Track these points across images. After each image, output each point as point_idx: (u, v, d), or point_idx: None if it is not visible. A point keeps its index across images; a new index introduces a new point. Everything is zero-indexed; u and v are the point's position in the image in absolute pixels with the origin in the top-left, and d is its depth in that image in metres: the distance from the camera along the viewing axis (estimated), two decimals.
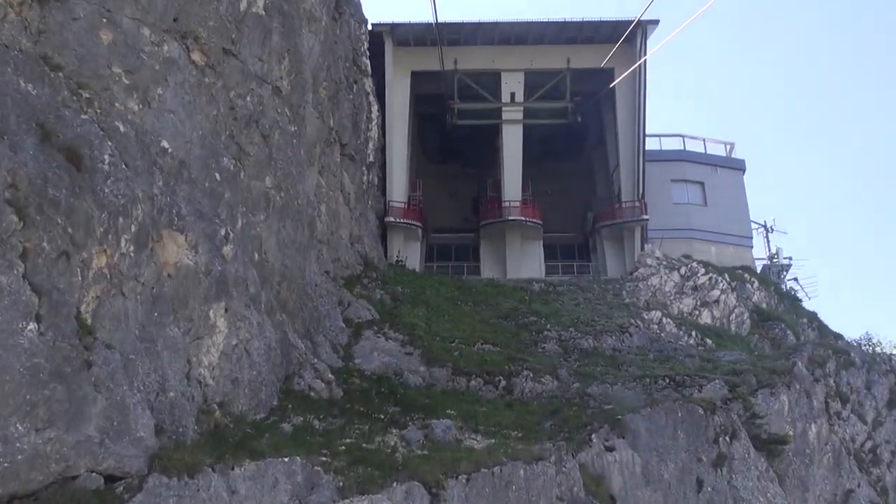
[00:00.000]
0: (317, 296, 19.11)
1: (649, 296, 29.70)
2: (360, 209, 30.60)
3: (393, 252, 34.80)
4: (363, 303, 23.04)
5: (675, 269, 31.08)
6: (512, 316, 24.68)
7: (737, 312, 29.95)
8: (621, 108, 36.79)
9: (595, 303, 27.95)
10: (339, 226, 27.40)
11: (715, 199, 38.03)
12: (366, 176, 32.09)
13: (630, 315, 26.34)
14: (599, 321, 24.23)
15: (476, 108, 37.65)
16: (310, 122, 23.57)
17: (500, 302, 26.74)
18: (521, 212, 36.11)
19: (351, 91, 30.63)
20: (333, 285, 22.89)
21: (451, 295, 27.42)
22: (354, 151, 30.30)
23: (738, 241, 37.18)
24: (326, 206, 26.45)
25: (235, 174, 15.79)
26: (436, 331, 21.70)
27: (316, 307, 17.92)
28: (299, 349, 16.15)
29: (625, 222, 36.05)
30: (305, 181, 21.74)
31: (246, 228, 15.64)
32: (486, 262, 37.35)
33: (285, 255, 17.16)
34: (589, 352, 21.33)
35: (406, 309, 23.76)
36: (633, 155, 36.23)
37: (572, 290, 30.16)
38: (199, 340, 12.98)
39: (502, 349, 20.87)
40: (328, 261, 24.32)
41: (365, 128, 32.15)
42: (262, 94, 17.41)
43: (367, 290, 25.29)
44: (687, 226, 36.92)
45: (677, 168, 38.59)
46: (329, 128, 27.30)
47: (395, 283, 27.67)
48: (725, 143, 40.47)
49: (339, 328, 19.45)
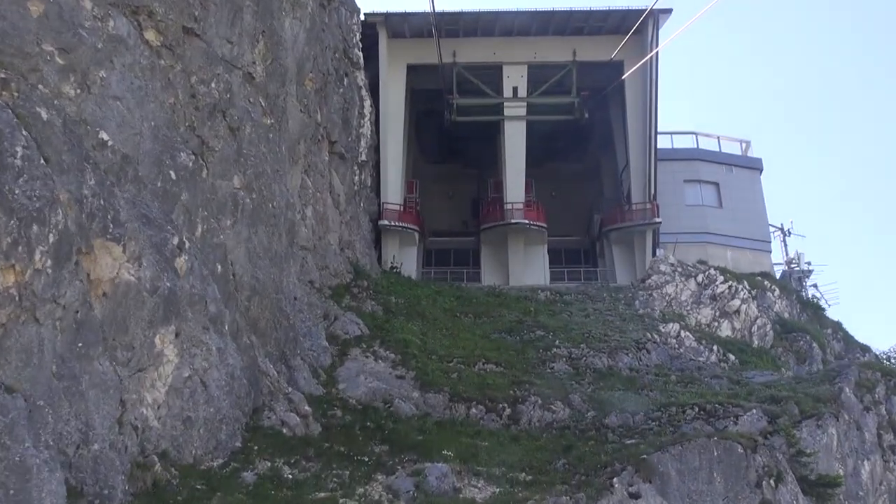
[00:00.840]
0: (295, 311, 16.84)
1: (664, 306, 27.42)
2: (352, 212, 28.33)
3: (387, 258, 32.53)
4: (351, 316, 20.77)
5: (691, 277, 28.81)
6: (516, 330, 22.39)
7: (759, 324, 27.67)
8: (631, 104, 34.49)
9: (606, 314, 25.67)
10: (326, 230, 25.14)
11: (731, 200, 35.70)
12: (358, 176, 29.82)
13: (645, 328, 24.06)
14: (613, 336, 21.94)
15: (476, 103, 35.34)
16: (292, 116, 21.32)
17: (502, 313, 24.46)
18: (525, 214, 33.81)
19: (341, 84, 28.37)
20: (318, 297, 20.63)
21: (449, 306, 25.14)
22: (345, 149, 28.04)
23: (756, 245, 34.86)
24: (313, 208, 24.19)
25: (195, 172, 13.54)
26: (432, 348, 19.42)
27: (293, 325, 15.63)
28: (271, 376, 13.88)
29: (635, 226, 33.74)
30: (286, 181, 19.48)
31: (207, 236, 13.37)
32: (486, 268, 35.06)
33: (256, 266, 14.89)
34: (603, 372, 19.05)
35: (399, 322, 21.49)
36: (643, 154, 33.93)
37: (581, 299, 27.89)
38: (140, 374, 10.71)
39: (506, 370, 18.61)
40: (313, 269, 22.06)
41: (357, 124, 29.88)
42: (230, 81, 15.15)
43: (356, 301, 23.03)
44: (701, 229, 34.59)
45: (691, 168, 36.27)
46: (316, 123, 25.04)
47: (388, 292, 25.39)
48: (741, 142, 38.19)
49: (321, 348, 17.16)
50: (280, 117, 19.00)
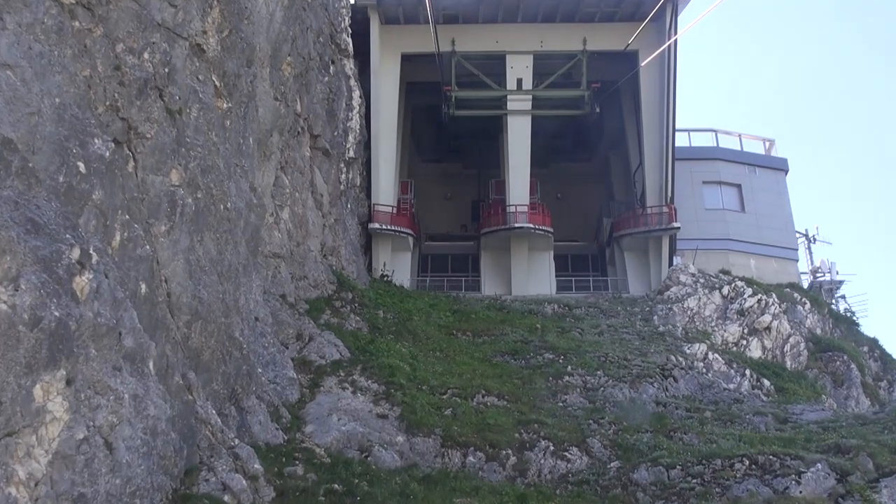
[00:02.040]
0: (255, 336, 13.85)
1: (686, 321, 24.46)
2: (337, 214, 25.40)
3: (378, 265, 29.62)
4: (329, 336, 17.81)
5: (715, 289, 25.84)
6: (521, 352, 19.43)
7: (792, 342, 24.69)
8: (647, 98, 31.58)
9: (622, 331, 22.70)
10: (306, 235, 22.20)
11: (754, 203, 32.84)
12: (344, 174, 26.88)
13: (668, 349, 21.10)
14: (633, 360, 18.96)
15: (477, 96, 32.45)
16: (263, 103, 18.39)
17: (505, 331, 21.49)
18: (529, 218, 30.87)
19: (326, 72, 25.45)
20: (291, 313, 17.66)
21: (444, 322, 22.19)
22: (330, 144, 25.12)
23: (782, 253, 31.95)
24: (290, 210, 21.27)
25: (116, 165, 10.57)
26: (422, 376, 16.45)
27: (248, 355, 12.64)
28: (212, 425, 10.89)
29: (650, 231, 30.83)
30: (253, 178, 16.55)
31: (129, 246, 10.39)
32: (487, 276, 32.14)
33: (200, 283, 11.92)
34: (626, 407, 16.07)
35: (386, 343, 18.53)
36: (660, 152, 31.01)
37: (592, 313, 24.96)
38: (9, 439, 7.74)
39: (510, 404, 15.64)
40: (287, 281, 19.11)
41: (344, 117, 26.96)
42: (170, 53, 12.18)
43: (338, 317, 20.08)
44: (722, 235, 31.69)
45: (710, 168, 33.40)
46: (295, 114, 22.13)
47: (375, 305, 22.44)
48: (764, 140, 35.30)
49: (286, 380, 14.16)
50: (244, 103, 16.05)
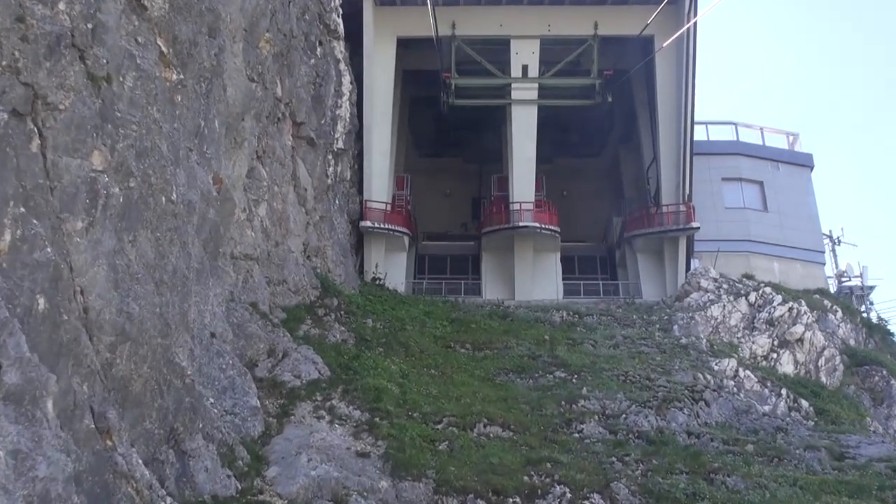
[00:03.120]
0: (209, 357, 11.40)
1: (710, 332, 22.03)
2: (323, 210, 22.95)
3: (370, 266, 27.18)
4: (307, 351, 15.36)
5: (741, 296, 23.38)
6: (529, 369, 16.98)
7: (826, 355, 22.24)
8: (663, 87, 29.10)
9: (640, 343, 20.25)
10: (286, 234, 19.76)
11: (777, 202, 30.41)
12: (332, 167, 24.42)
13: (693, 365, 18.65)
14: (657, 379, 16.50)
15: (479, 84, 29.99)
16: (233, 82, 15.92)
17: (509, 344, 19.04)
18: (535, 216, 28.42)
19: (312, 54, 22.99)
20: (262, 325, 15.20)
21: (441, 332, 19.74)
22: (316, 134, 22.67)
23: (808, 255, 29.51)
24: (267, 206, 18.82)
25: (13, 142, 8.13)
26: (414, 400, 14.00)
27: (192, 384, 10.16)
28: (137, 479, 8.43)
29: (666, 231, 28.37)
30: (216, 167, 14.10)
31: (22, 248, 7.93)
32: (488, 280, 29.71)
33: (130, 295, 9.46)
34: (652, 439, 13.62)
35: (373, 358, 16.09)
36: (677, 146, 28.54)
37: (606, 321, 22.53)
38: None
39: (517, 435, 13.19)
40: (261, 286, 16.65)
41: (332, 104, 24.49)
42: (96, 6, 9.73)
43: (319, 328, 17.65)
44: (744, 236, 29.27)
45: (730, 164, 30.95)
46: (275, 98, 19.68)
47: (364, 312, 20.01)
48: (788, 134, 32.84)
49: (248, 409, 11.68)
50: (206, 78, 13.62)
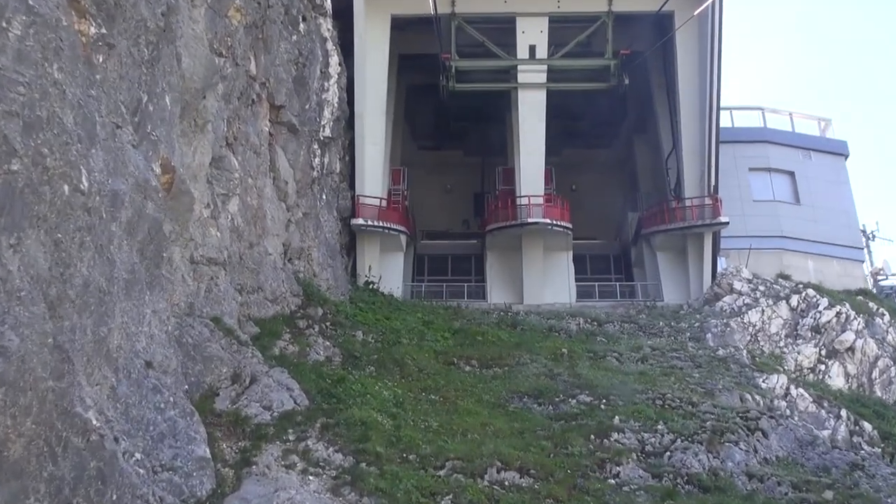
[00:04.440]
0: (139, 395, 8.71)
1: (747, 341, 19.41)
2: (307, 206, 20.28)
3: (363, 269, 24.53)
4: (281, 374, 12.70)
5: (781, 299, 20.76)
6: (547, 392, 14.25)
7: (881, 366, 19.59)
8: (684, 68, 26.38)
9: (672, 356, 17.59)
10: (262, 233, 17.09)
11: (810, 194, 27.79)
12: (319, 157, 21.73)
13: (737, 383, 15.98)
14: (701, 403, 13.79)
15: (482, 66, 27.33)
16: (191, 52, 13.22)
17: (522, 359, 16.35)
18: (545, 212, 25.74)
19: (294, 29, 20.30)
20: (226, 343, 12.51)
21: (442, 346, 17.06)
22: (299, 120, 19.99)
23: (845, 252, 26.89)
24: (240, 200, 16.13)
25: None
26: (409, 438, 11.31)
27: (99, 443, 7.47)
28: None
29: (689, 227, 25.65)
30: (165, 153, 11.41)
31: None
32: (494, 282, 27.07)
33: (6, 322, 6.75)
34: (706, 485, 10.93)
35: (361, 382, 13.42)
36: (701, 133, 25.83)
37: (629, 330, 19.94)
38: None
39: (539, 483, 10.49)
40: (227, 296, 13.96)
41: (318, 87, 21.80)
42: None
43: (299, 343, 14.99)
44: (775, 232, 26.61)
45: (758, 152, 28.31)
46: (248, 76, 16.98)
47: (353, 324, 17.37)
48: (819, 120, 30.16)
49: (194, 462, 8.96)
50: (151, 42, 10.94)
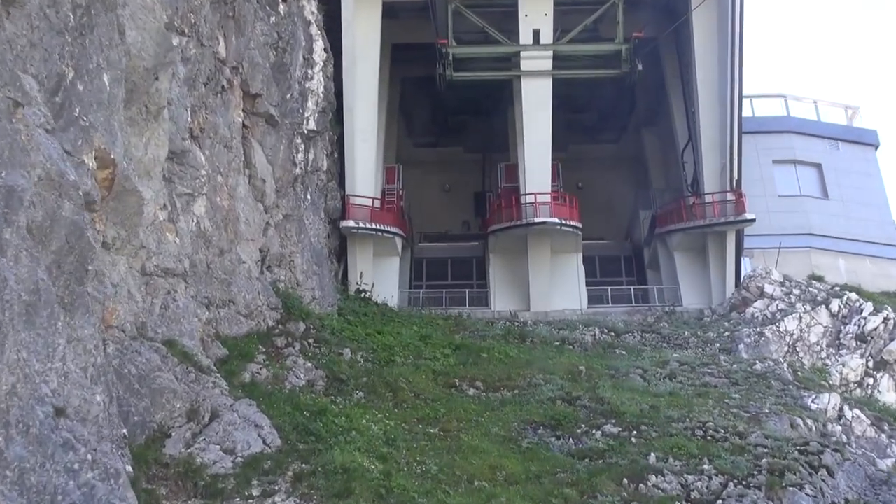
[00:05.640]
0: (39, 458, 6.54)
1: (784, 352, 17.27)
2: (289, 207, 18.17)
3: (355, 275, 22.39)
4: (248, 408, 10.57)
5: (820, 304, 18.61)
6: (566, 421, 12.03)
7: None
8: (702, 53, 24.23)
9: (703, 372, 15.46)
10: (234, 238, 14.96)
11: (839, 187, 25.72)
12: (302, 153, 19.60)
13: (784, 404, 13.84)
14: (749, 433, 11.57)
15: (482, 53, 25.23)
16: (138, 24, 11.09)
17: (534, 379, 14.18)
18: (553, 210, 23.59)
19: (273, 10, 18.19)
20: (182, 372, 10.38)
21: (442, 365, 14.91)
22: (279, 111, 17.90)
23: (880, 251, 24.75)
24: (208, 201, 14.03)
25: None
26: (402, 489, 9.17)
27: None
28: None
29: (711, 225, 23.48)
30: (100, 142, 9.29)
31: None
32: (498, 287, 24.97)
33: None
34: None
35: (345, 415, 11.27)
36: (721, 122, 23.67)
37: (651, 340, 17.86)
38: None
39: None
40: (187, 314, 11.83)
41: (301, 75, 19.68)
42: None
43: (276, 366, 12.86)
44: (803, 229, 24.51)
45: (782, 143, 26.22)
46: (216, 59, 14.89)
47: (341, 340, 15.24)
48: (846, 108, 28.05)
49: None
50: (76, 6, 8.84)
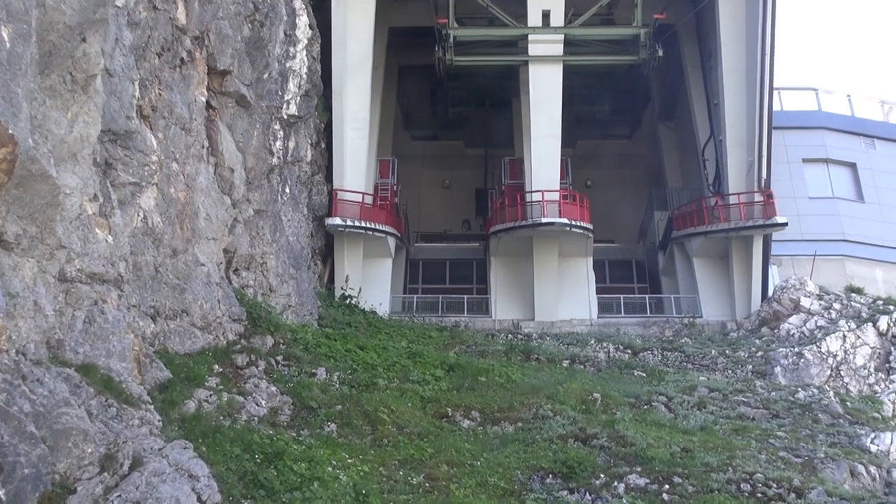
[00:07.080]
0: None
1: (827, 375, 15.06)
2: (263, 202, 15.97)
3: (341, 279, 20.22)
4: (182, 452, 8.36)
5: (865, 321, 16.38)
6: (580, 469, 9.81)
7: None
8: (729, 41, 22.01)
9: (736, 399, 13.25)
10: (192, 237, 12.79)
11: (875, 189, 23.60)
12: (281, 140, 17.40)
13: (838, 444, 11.67)
14: (807, 488, 9.33)
15: (486, 35, 23.03)
16: None
17: (541, 410, 11.94)
18: (563, 210, 21.40)
19: None
20: (97, 405, 8.19)
21: (432, 390, 12.67)
22: (254, 92, 15.73)
23: None
24: (159, 192, 11.86)
25: None
26: None
27: None
28: None
29: (736, 229, 21.29)
30: None
31: None
32: (499, 294, 22.81)
33: None
34: None
35: (308, 458, 9.07)
36: (749, 116, 21.44)
37: (673, 360, 15.64)
38: None
39: None
40: (117, 329, 9.64)
41: (281, 53, 17.48)
42: None
43: (229, 391, 10.66)
44: (836, 234, 22.34)
45: (813, 140, 24.05)
46: (175, 26, 12.70)
47: (315, 357, 13.03)
48: (882, 102, 25.86)
49: None
50: None
